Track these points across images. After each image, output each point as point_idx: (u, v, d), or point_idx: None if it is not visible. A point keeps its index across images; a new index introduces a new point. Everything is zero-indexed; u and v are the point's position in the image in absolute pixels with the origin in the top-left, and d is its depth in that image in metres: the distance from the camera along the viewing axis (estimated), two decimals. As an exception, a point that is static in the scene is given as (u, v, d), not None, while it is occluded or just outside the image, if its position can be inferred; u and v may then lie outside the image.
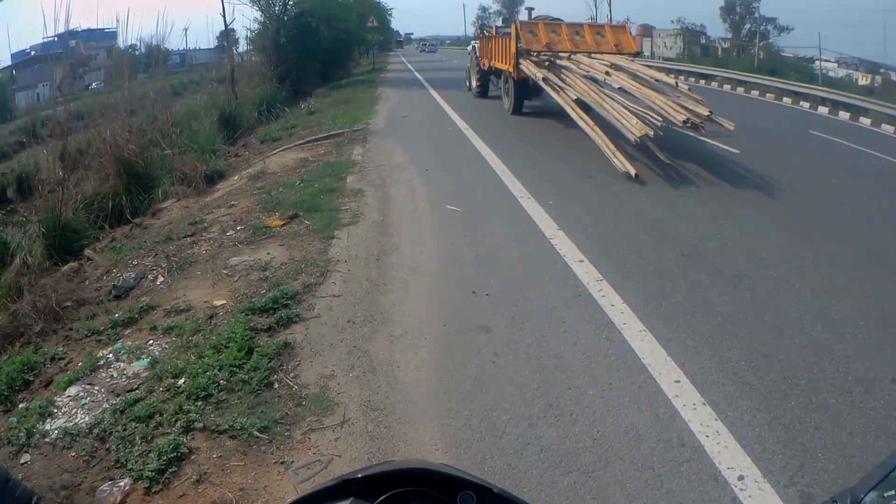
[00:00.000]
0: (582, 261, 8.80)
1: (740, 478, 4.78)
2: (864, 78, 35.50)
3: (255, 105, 25.00)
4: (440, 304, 7.67)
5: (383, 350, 6.62)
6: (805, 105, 27.58)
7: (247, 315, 7.17)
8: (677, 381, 6.02)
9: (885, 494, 1.01)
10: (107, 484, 4.87)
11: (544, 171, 14.16)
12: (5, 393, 6.66)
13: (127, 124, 15.99)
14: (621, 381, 6.06)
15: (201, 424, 5.45)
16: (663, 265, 8.78)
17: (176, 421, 5.49)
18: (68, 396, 6.10)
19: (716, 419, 5.47)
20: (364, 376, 6.17)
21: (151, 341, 6.99)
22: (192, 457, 5.13)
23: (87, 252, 10.91)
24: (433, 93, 30.43)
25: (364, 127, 19.44)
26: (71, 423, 5.66)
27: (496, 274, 8.47)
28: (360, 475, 1.40)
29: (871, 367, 6.25)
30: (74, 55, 42.85)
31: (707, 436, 5.26)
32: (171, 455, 5.06)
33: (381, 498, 1.35)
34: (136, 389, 6.07)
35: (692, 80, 35.97)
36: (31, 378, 6.91)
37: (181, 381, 6.06)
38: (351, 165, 14.47)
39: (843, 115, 25.01)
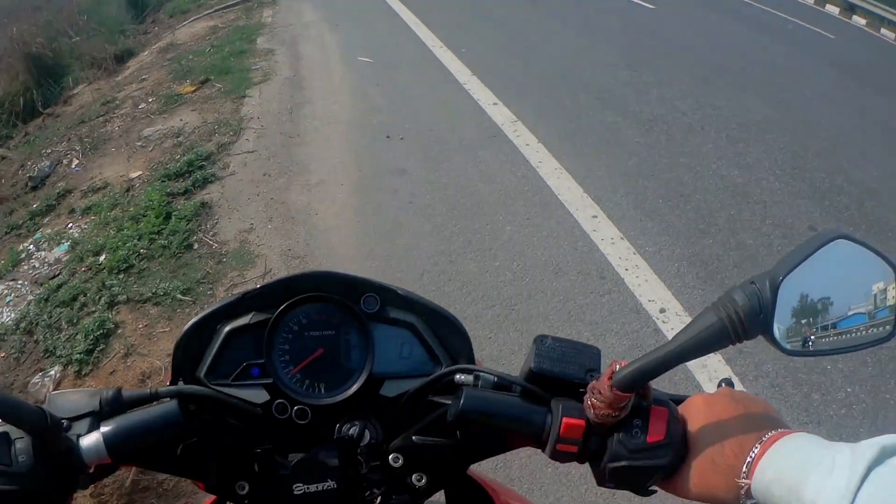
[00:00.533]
0: (496, 103, 8.69)
1: (662, 310, 4.87)
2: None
3: (164, -19, 24.09)
4: (355, 150, 7.52)
5: (300, 199, 6.50)
6: None
7: (163, 182, 6.96)
8: (594, 217, 6.04)
9: (802, 321, 0.97)
10: (37, 376, 4.74)
11: (456, 20, 13.88)
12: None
13: (33, 20, 15.37)
14: (539, 217, 6.07)
15: (125, 297, 5.31)
16: (578, 107, 8.73)
17: (100, 298, 5.34)
18: None
19: (635, 253, 5.53)
20: (283, 226, 6.06)
21: (70, 224, 6.77)
22: (119, 331, 5.01)
23: (1, 151, 10.49)
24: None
25: (274, -11, 18.87)
26: None
27: (410, 119, 8.32)
28: (258, 287, 1.30)
29: (788, 214, 6.39)
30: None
31: (627, 269, 5.32)
32: (98, 333, 4.93)
33: (283, 306, 1.25)
34: (58, 275, 5.88)
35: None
36: None
37: (102, 258, 5.88)
38: (261, 27, 14.00)
39: None
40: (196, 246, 5.85)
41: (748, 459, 0.94)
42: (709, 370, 4.37)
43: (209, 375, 1.25)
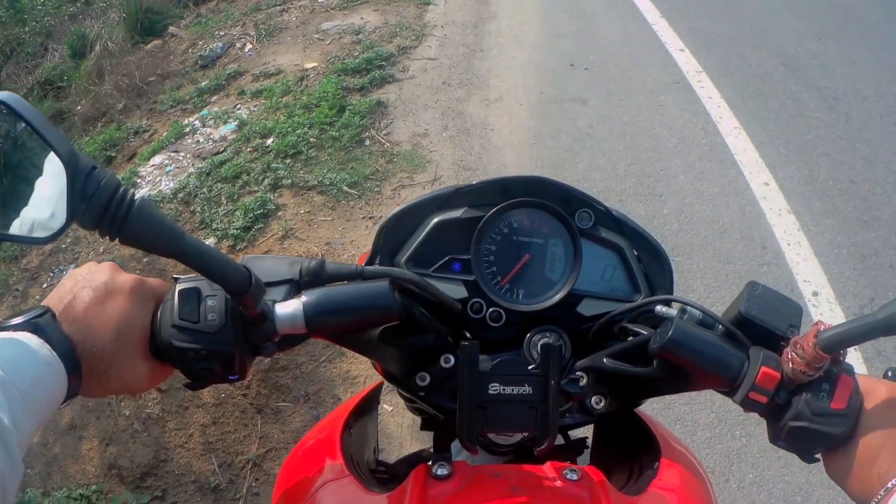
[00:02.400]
0: (683, 50, 8.48)
1: (815, 293, 4.76)
2: None
3: None
4: (538, 73, 7.46)
5: (478, 113, 6.51)
6: None
7: (339, 76, 7.05)
8: (766, 184, 5.89)
9: None
10: None
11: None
12: (85, 174, 6.63)
13: None
14: (712, 172, 5.97)
15: (289, 181, 5.44)
16: (763, 69, 8.44)
17: (263, 179, 5.48)
18: (152, 165, 6.14)
19: (798, 230, 5.39)
20: (457, 136, 6.10)
21: (239, 105, 6.93)
22: (279, 213, 5.14)
23: (172, 29, 10.73)
24: None
25: None
26: (155, 191, 5.71)
27: (596, 50, 8.20)
28: (476, 183, 1.32)
29: None
30: None
31: (789, 244, 5.21)
32: (258, 212, 5.07)
33: (497, 207, 1.26)
34: (222, 152, 6.06)
35: None
36: (113, 154, 6.97)
37: (269, 141, 6.03)
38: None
39: None
40: (367, 142, 5.94)
41: (892, 483, 0.95)
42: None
43: (409, 263, 1.29)
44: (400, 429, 3.78)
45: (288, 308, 1.08)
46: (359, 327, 1.18)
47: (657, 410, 3.88)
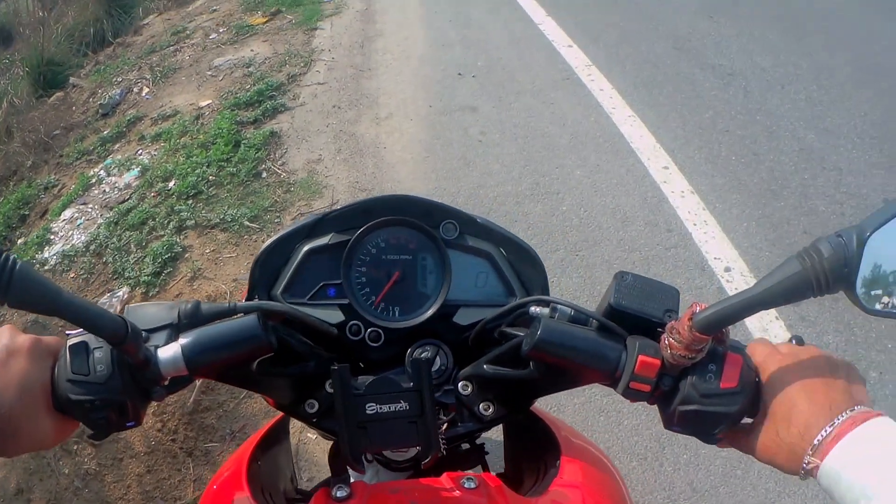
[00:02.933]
0: (571, 46, 8.60)
1: (727, 269, 4.86)
2: None
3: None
4: (426, 86, 7.59)
5: (370, 132, 6.63)
6: None
7: (232, 111, 7.15)
8: (665, 168, 6.02)
9: (888, 280, 0.98)
10: (106, 296, 4.98)
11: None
12: (3, 233, 6.74)
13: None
14: (609, 163, 6.07)
15: (193, 222, 5.53)
16: (654, 55, 8.56)
17: (168, 222, 5.58)
18: (63, 220, 6.18)
19: (704, 209, 5.50)
20: (351, 158, 6.21)
21: (140, 151, 7.00)
22: (186, 255, 5.23)
23: (72, 80, 10.76)
24: None
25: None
26: (68, 246, 5.76)
27: (483, 57, 8.34)
28: (338, 208, 1.38)
29: (864, 184, 6.16)
30: None
31: (695, 224, 5.31)
32: (166, 256, 5.16)
33: (363, 228, 1.33)
34: (128, 200, 6.13)
35: None
36: (26, 213, 6.96)
37: (171, 184, 6.12)
38: (334, -40, 13.97)
39: None
40: (264, 174, 6.04)
41: (819, 437, 0.93)
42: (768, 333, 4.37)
43: (285, 293, 1.35)
44: (325, 455, 3.88)
45: (168, 352, 1.13)
46: (237, 363, 1.22)
47: (578, 404, 3.95)
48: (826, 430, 0.92)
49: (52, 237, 5.96)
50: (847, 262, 0.93)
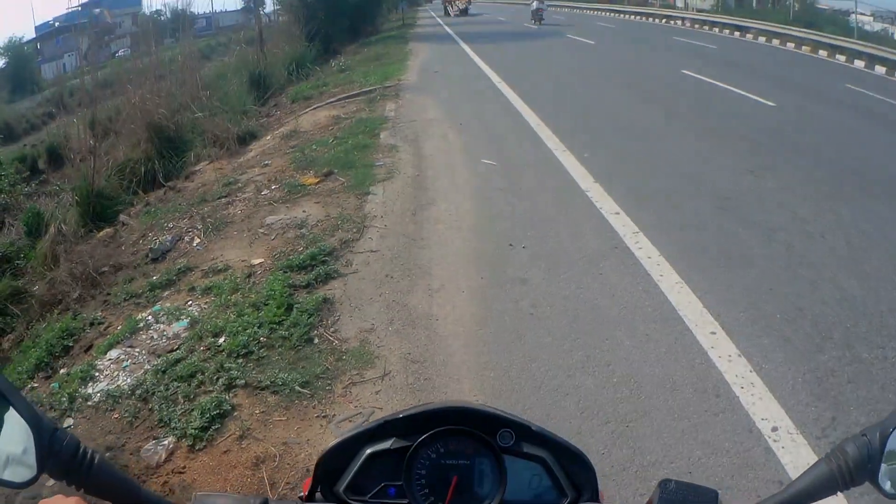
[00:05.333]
0: (618, 213, 8.78)
1: (774, 429, 4.81)
2: (901, 32, 34.56)
3: (285, 65, 24.78)
4: (477, 257, 7.71)
5: (422, 303, 6.69)
6: (841, 58, 26.67)
7: (285, 272, 7.24)
8: (713, 333, 6.03)
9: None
10: (151, 443, 4.95)
11: (580, 124, 14.10)
12: (46, 360, 6.78)
13: (156, 89, 16.08)
14: (658, 332, 6.09)
15: (243, 381, 5.53)
16: (699, 217, 8.75)
17: (217, 379, 5.57)
18: (109, 360, 6.19)
19: (751, 371, 5.49)
20: (403, 329, 6.24)
21: (190, 302, 7.07)
22: (235, 413, 5.20)
23: (122, 217, 11.00)
24: (464, 46, 30.32)
25: (396, 83, 19.36)
26: (113, 386, 5.74)
27: (532, 227, 8.48)
28: (400, 415, 1.44)
29: None
30: (99, 23, 43.24)
31: (742, 387, 5.29)
32: (214, 412, 5.13)
33: (423, 437, 1.39)
34: (176, 350, 6.15)
35: (726, 31, 36.01)
36: (70, 344, 7.01)
37: (221, 340, 6.14)
38: (384, 121, 14.44)
39: (880, 70, 24.22)
40: (316, 340, 6.07)
41: None
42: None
43: (348, 491, 1.41)
44: None
45: None
46: None
47: None
48: None
49: (96, 374, 5.97)
50: (871, 458, 1.03)
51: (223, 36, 40.21)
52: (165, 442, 4.97)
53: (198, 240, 8.80)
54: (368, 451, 1.43)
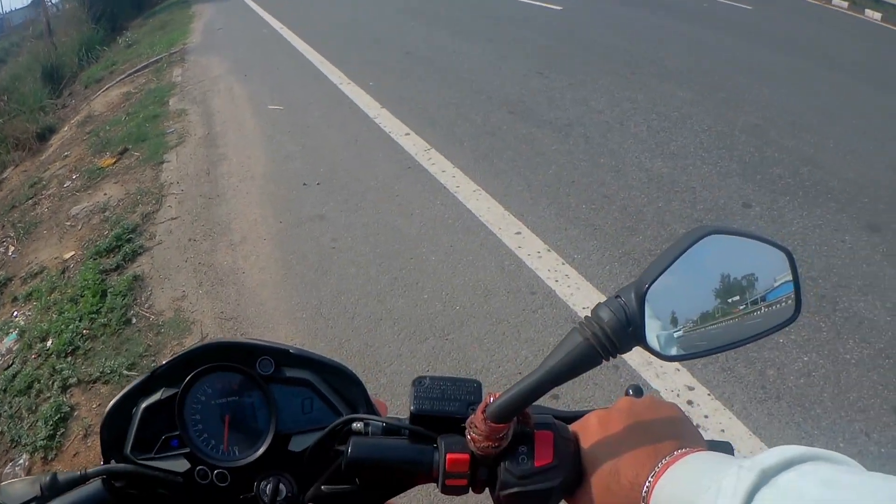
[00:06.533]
0: (408, 133, 8.66)
1: None
2: None
3: (75, 51, 23.50)
4: (273, 202, 7.50)
5: (227, 260, 6.47)
6: None
7: (95, 260, 6.89)
8: (518, 233, 6.02)
9: (729, 300, 0.97)
10: (8, 467, 4.72)
11: (362, 55, 13.79)
12: None
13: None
14: (462, 242, 6.05)
15: (75, 379, 5.27)
16: (491, 124, 8.69)
17: (52, 383, 5.31)
18: None
19: (563, 263, 5.50)
20: (213, 289, 6.03)
21: (15, 313, 6.70)
22: (75, 413, 4.98)
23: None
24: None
25: (181, 48, 18.52)
26: None
27: (324, 162, 8.30)
28: (164, 363, 1.34)
29: (720, 195, 6.37)
30: None
31: (556, 280, 5.30)
32: (56, 418, 4.90)
33: (186, 379, 1.29)
34: (11, 365, 5.83)
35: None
36: None
37: (49, 343, 5.83)
38: (172, 88, 13.84)
39: None
40: (134, 320, 5.82)
41: (647, 483, 0.90)
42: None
43: (134, 451, 1.30)
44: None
45: None
46: None
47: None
48: (655, 470, 0.90)
49: (-64, 413, 5.64)
50: (630, 321, 0.92)
51: (15, 35, 37.74)
52: (21, 461, 4.74)
53: (12, 248, 8.31)
54: (143, 405, 1.31)
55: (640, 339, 0.93)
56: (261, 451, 1.31)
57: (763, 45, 12.94)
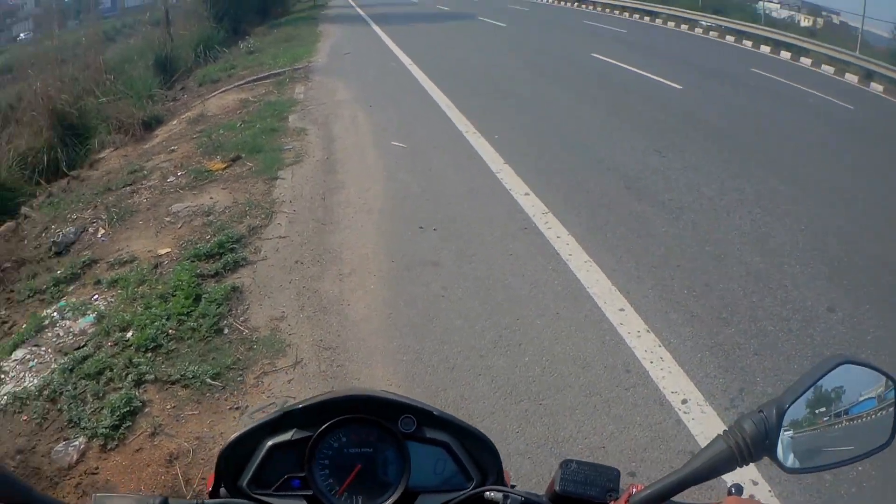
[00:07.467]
0: (528, 194, 8.91)
1: (684, 401, 4.97)
2: (806, 20, 35.32)
3: (192, 47, 24.24)
4: (388, 240, 7.72)
5: (333, 289, 6.66)
6: (748, 44, 27.36)
7: (192, 262, 7.14)
8: (622, 310, 6.19)
9: (816, 411, 1.11)
10: (61, 444, 4.84)
11: (490, 105, 14.21)
12: (-57, 362, 6.57)
13: (58, 74, 15.65)
14: (568, 311, 6.21)
15: (152, 376, 5.44)
16: (607, 197, 8.94)
17: (126, 375, 5.46)
18: (14, 360, 6.03)
19: (659, 346, 5.66)
20: (315, 316, 6.21)
21: (96, 296, 6.92)
22: (146, 410, 5.12)
23: (24, 210, 10.69)
24: (375, 28, 30.04)
25: (306, 65, 19.17)
26: (20, 388, 5.59)
27: (443, 209, 8.54)
28: (300, 406, 1.43)
29: (808, 296, 6.52)
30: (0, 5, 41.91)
31: (651, 362, 5.45)
32: (125, 410, 5.03)
33: (323, 427, 1.38)
34: (83, 346, 6.00)
35: (636, 16, 36.35)
36: None
37: (129, 334, 6.03)
38: (293, 104, 14.33)
39: (785, 55, 25.04)
40: (226, 331, 6.01)
41: None
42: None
43: (251, 485, 1.40)
44: None
45: None
46: None
47: None
48: None
49: (2, 376, 5.81)
50: (768, 434, 1.06)
51: (129, 17, 38.88)
52: (76, 443, 4.86)
53: (103, 231, 8.62)
54: (269, 443, 1.41)
55: (771, 451, 1.08)
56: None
57: (863, 142, 13.54)
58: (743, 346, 5.67)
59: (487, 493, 1.36)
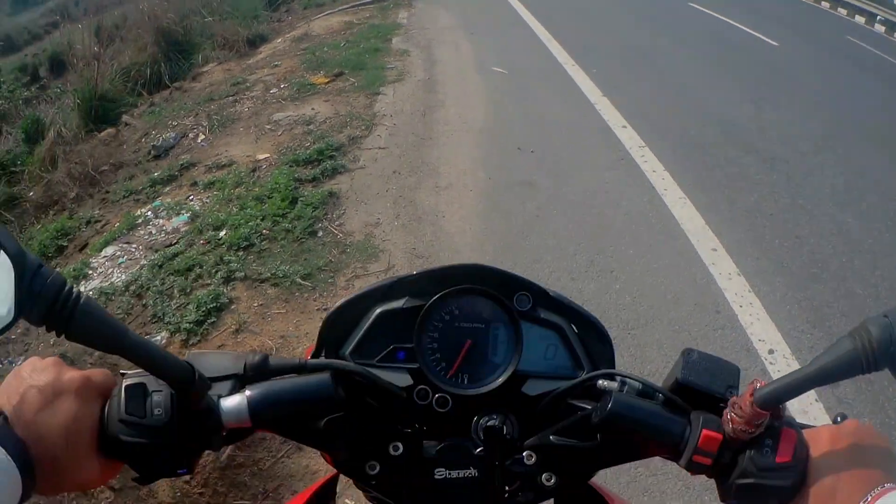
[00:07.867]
0: (625, 126, 8.82)
1: (770, 351, 4.87)
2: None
3: (299, -30, 24.44)
4: (485, 158, 7.65)
5: (429, 200, 6.61)
6: (843, 12, 26.35)
7: (291, 167, 7.13)
8: (714, 250, 6.10)
9: None
10: None
11: (588, 40, 14.07)
12: (37, 261, 6.59)
13: (165, -6, 15.77)
14: (661, 244, 6.14)
15: (242, 274, 5.41)
16: (703, 138, 8.81)
17: (216, 272, 5.44)
18: (104, 257, 6.06)
19: (749, 291, 5.56)
20: (409, 224, 6.17)
21: (192, 197, 6.94)
22: (232, 306, 5.09)
23: (125, 118, 10.77)
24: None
25: (409, -9, 19.17)
26: (106, 283, 5.63)
27: (541, 133, 8.46)
28: (415, 273, 1.32)
29: None
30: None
31: (741, 306, 5.35)
32: (211, 306, 5.01)
33: (438, 294, 1.27)
34: (175, 244, 6.02)
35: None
36: (65, 244, 6.90)
37: (222, 233, 6.01)
38: (396, 28, 14.38)
39: (879, 28, 23.99)
40: (320, 233, 5.97)
41: None
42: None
43: (354, 354, 1.29)
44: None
45: (233, 402, 1.11)
46: (303, 419, 1.20)
47: (622, 485, 3.87)
48: (866, 499, 0.96)
49: (90, 272, 5.84)
50: (893, 341, 0.96)
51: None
52: (158, 337, 4.86)
53: (202, 136, 8.62)
54: (379, 310, 1.30)
55: (894, 361, 0.97)
56: (496, 384, 1.29)
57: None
58: (832, 304, 5.50)
59: (600, 381, 1.26)
